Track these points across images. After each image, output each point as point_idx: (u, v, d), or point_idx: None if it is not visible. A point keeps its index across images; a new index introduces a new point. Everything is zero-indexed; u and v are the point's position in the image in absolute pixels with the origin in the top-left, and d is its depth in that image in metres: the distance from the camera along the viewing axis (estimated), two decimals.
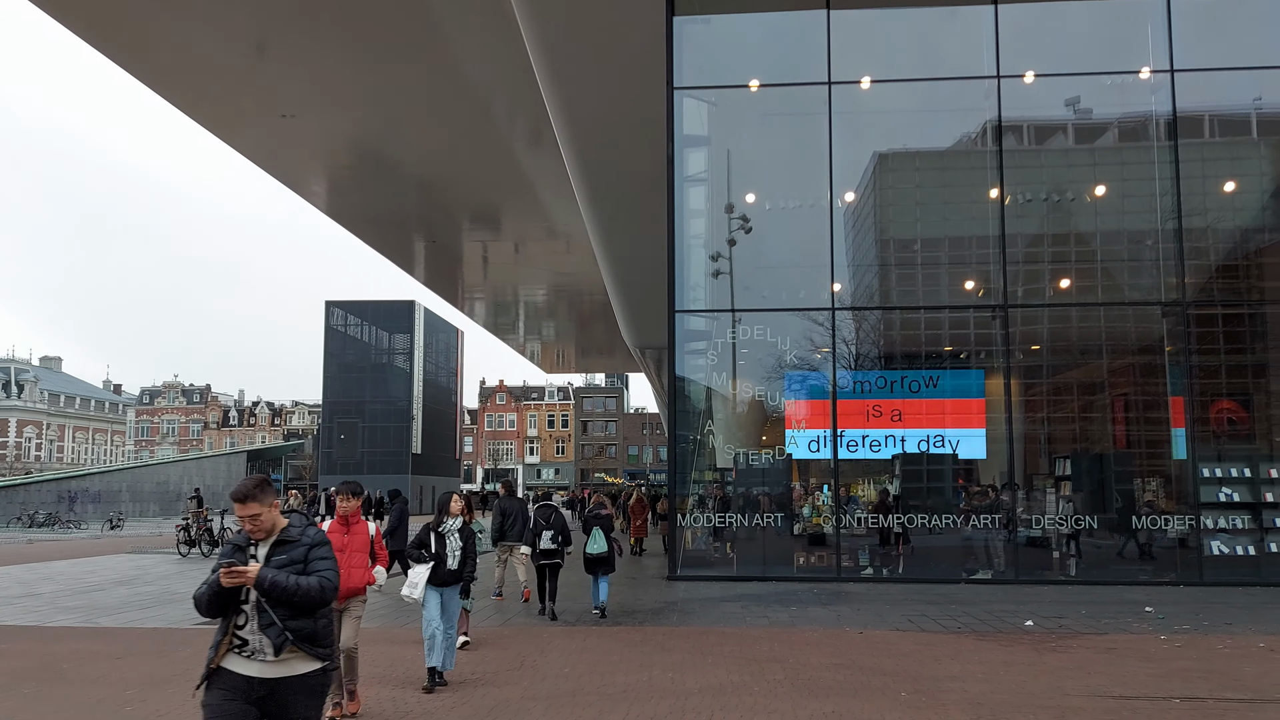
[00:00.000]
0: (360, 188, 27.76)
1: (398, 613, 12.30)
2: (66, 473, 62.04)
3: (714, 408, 16.91)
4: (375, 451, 70.80)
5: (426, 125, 22.64)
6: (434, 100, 21.07)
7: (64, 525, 39.12)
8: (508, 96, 20.57)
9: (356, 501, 7.34)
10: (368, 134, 23.66)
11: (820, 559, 16.60)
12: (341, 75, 20.04)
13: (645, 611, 12.28)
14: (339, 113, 22.17)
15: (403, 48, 18.80)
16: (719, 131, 18.58)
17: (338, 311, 73.34)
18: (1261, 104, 17.26)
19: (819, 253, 16.88)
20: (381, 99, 21.24)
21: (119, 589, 15.74)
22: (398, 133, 23.32)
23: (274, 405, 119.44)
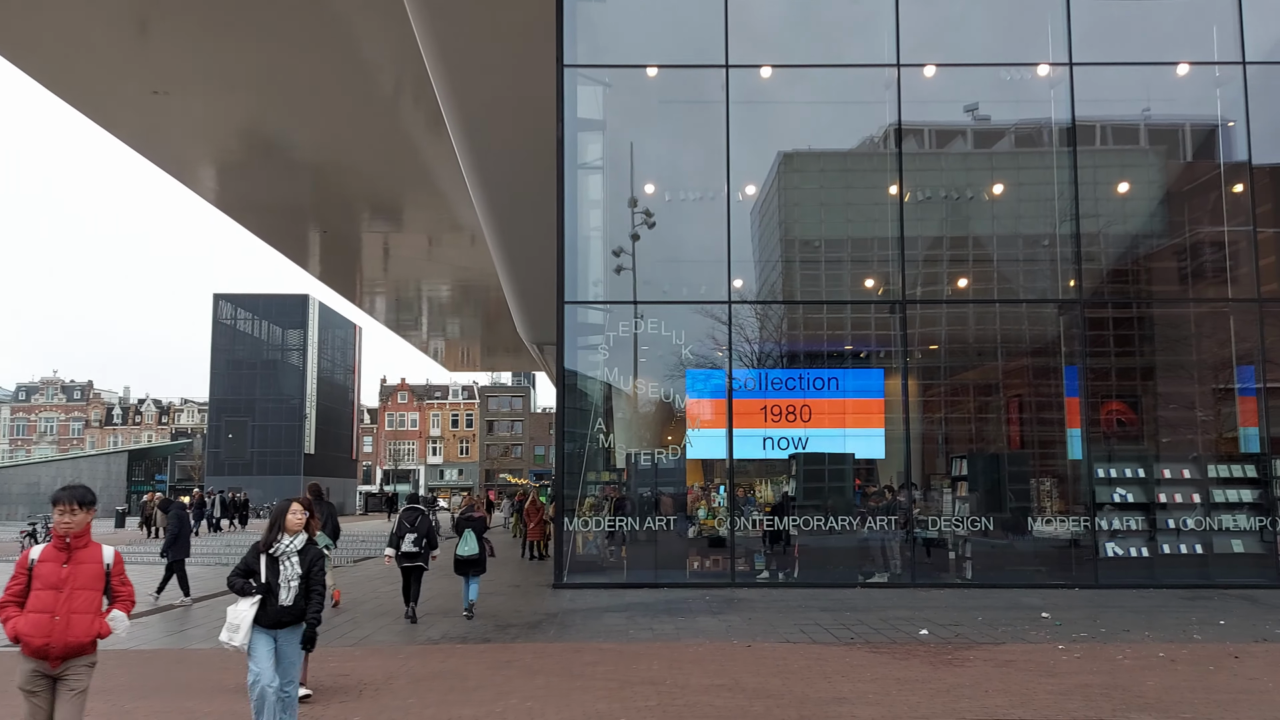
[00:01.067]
0: (250, 176, 25.94)
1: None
2: None
3: (607, 405, 16.02)
4: (265, 452, 67.81)
5: (320, 110, 21.16)
6: (328, 83, 19.65)
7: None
8: (407, 80, 19.21)
9: (86, 515, 5.05)
10: (257, 118, 22.00)
11: (715, 564, 15.89)
12: (228, 55, 18.55)
13: (520, 625, 11.31)
14: (226, 95, 20.55)
15: (294, 26, 17.42)
16: (616, 118, 17.73)
17: (227, 305, 70.03)
18: (1150, 114, 17.33)
19: (720, 247, 16.18)
20: (272, 81, 19.73)
21: None
22: (290, 118, 21.74)
23: (161, 403, 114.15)
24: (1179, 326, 17.50)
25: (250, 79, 19.69)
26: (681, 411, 15.91)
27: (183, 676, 8.70)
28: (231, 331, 70.29)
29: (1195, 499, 15.66)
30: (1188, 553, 15.50)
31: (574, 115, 16.74)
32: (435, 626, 11.23)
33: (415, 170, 24.41)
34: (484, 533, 12.62)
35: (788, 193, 17.96)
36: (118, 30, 17.68)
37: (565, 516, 15.17)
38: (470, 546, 12.24)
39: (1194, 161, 17.47)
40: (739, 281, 16.64)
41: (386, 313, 47.96)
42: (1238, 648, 9.88)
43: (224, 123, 22.45)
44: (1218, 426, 17.24)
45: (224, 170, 26.18)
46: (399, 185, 26.20)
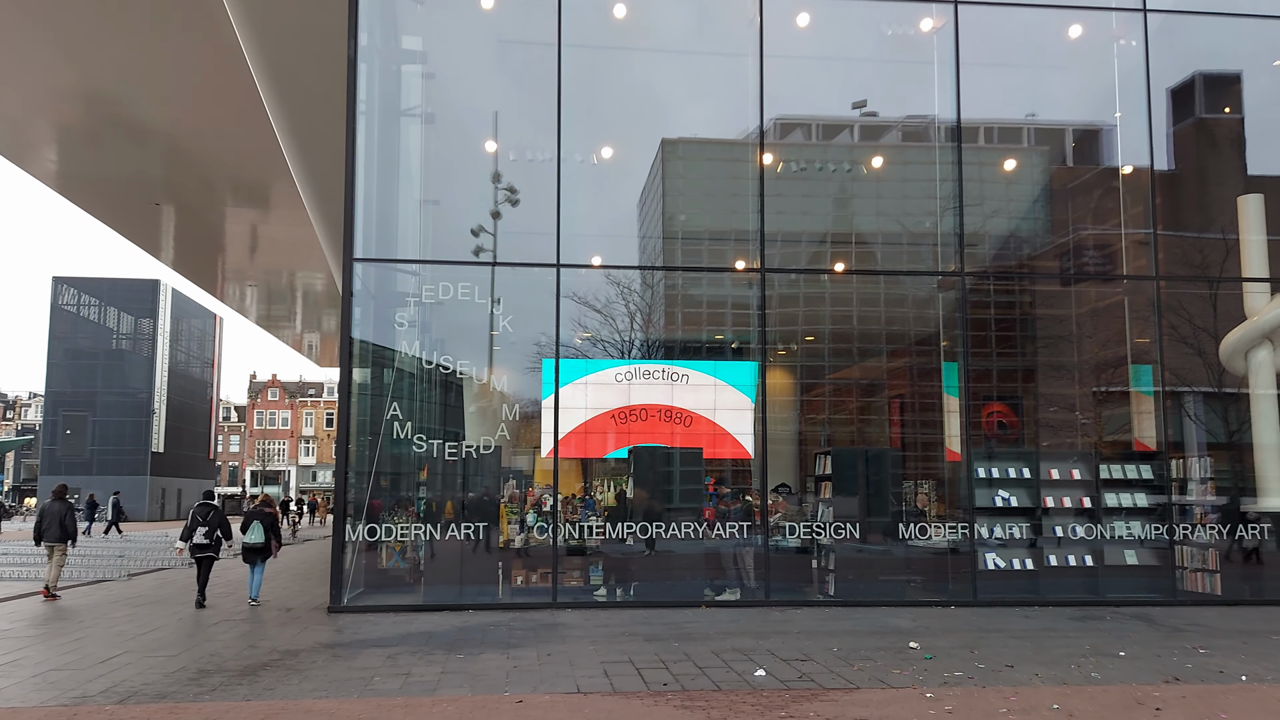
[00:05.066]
0: (92, 155, 22.30)
1: None
2: None
3: (403, 386, 13.24)
4: (107, 450, 62.02)
5: (178, 86, 17.84)
6: (189, 54, 16.43)
7: None
8: (270, 49, 16.04)
9: None
10: (102, 90, 18.46)
11: (539, 578, 13.29)
12: (69, 16, 15.21)
13: (231, 670, 8.47)
14: (69, 64, 17.20)
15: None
16: (445, 59, 15.04)
17: (68, 289, 63.92)
18: (1035, 116, 15.93)
19: (553, 212, 13.65)
20: (120, 47, 16.40)
21: None
22: (142, 91, 18.34)
23: (7, 397, 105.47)
24: (1066, 317, 16.00)
25: (92, 41, 16.39)
26: (501, 397, 13.29)
27: None
28: (73, 319, 64.18)
29: (1085, 503, 13.82)
30: (1076, 565, 13.63)
31: (386, 40, 14.00)
32: (116, 673, 8.29)
33: (278, 151, 21.06)
34: (272, 525, 13.63)
35: (671, 181, 15.77)
36: None
37: (345, 523, 12.31)
38: (257, 535, 13.38)
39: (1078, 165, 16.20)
40: (598, 259, 14.22)
41: (256, 304, 43.90)
42: (1144, 691, 7.80)
43: (64, 94, 18.96)
44: (1101, 427, 15.77)
45: (63, 148, 22.49)
46: (261, 165, 22.66)
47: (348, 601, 12.31)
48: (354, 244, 12.79)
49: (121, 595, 14.69)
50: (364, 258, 12.98)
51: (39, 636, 10.37)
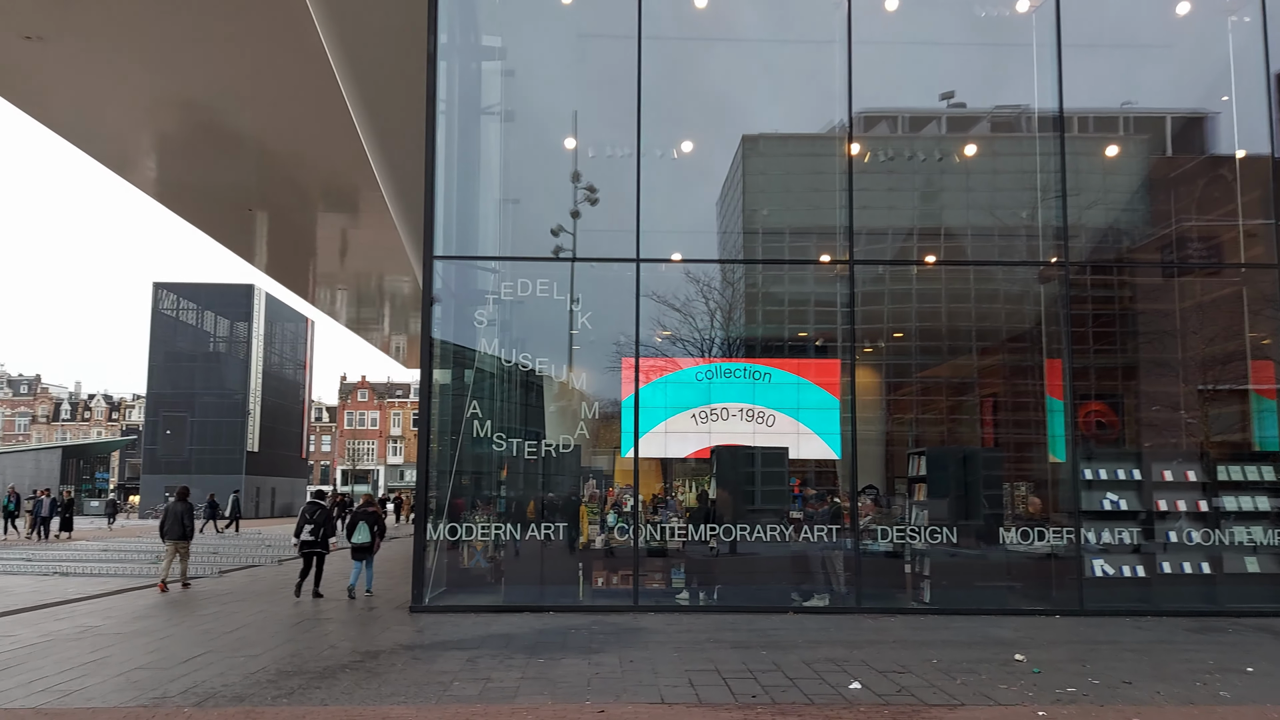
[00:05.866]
0: (188, 164, 22.97)
1: None
2: None
3: (483, 384, 13.08)
4: (205, 449, 64.03)
5: (264, 90, 18.22)
6: (277, 63, 16.77)
7: None
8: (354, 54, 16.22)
9: None
10: (195, 98, 18.96)
11: (620, 580, 13.00)
12: (165, 30, 15.72)
13: (312, 672, 8.36)
14: (161, 74, 17.68)
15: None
16: (524, 55, 14.89)
17: (168, 295, 66.19)
18: (1133, 104, 15.04)
19: (631, 209, 13.36)
20: (214, 58, 16.84)
21: None
22: (236, 100, 18.79)
23: (112, 398, 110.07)
24: (1169, 312, 15.08)
25: (188, 53, 16.86)
26: (580, 396, 13.04)
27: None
28: (172, 323, 66.47)
29: (1201, 506, 12.93)
30: (1192, 572, 12.76)
31: (464, 43, 13.90)
32: (196, 674, 8.25)
33: (361, 151, 21.31)
34: (376, 525, 14.45)
35: (752, 178, 15.36)
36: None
37: (427, 522, 12.20)
38: (363, 535, 14.15)
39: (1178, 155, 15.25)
40: (677, 255, 13.90)
41: (345, 308, 44.87)
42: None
43: (161, 105, 19.52)
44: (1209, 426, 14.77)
45: (162, 157, 23.22)
46: (349, 170, 22.96)
47: (429, 601, 12.20)
48: (434, 242, 12.71)
49: (212, 592, 14.89)
50: (444, 255, 12.88)
51: (127, 634, 10.47)
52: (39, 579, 16.68)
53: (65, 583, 16.02)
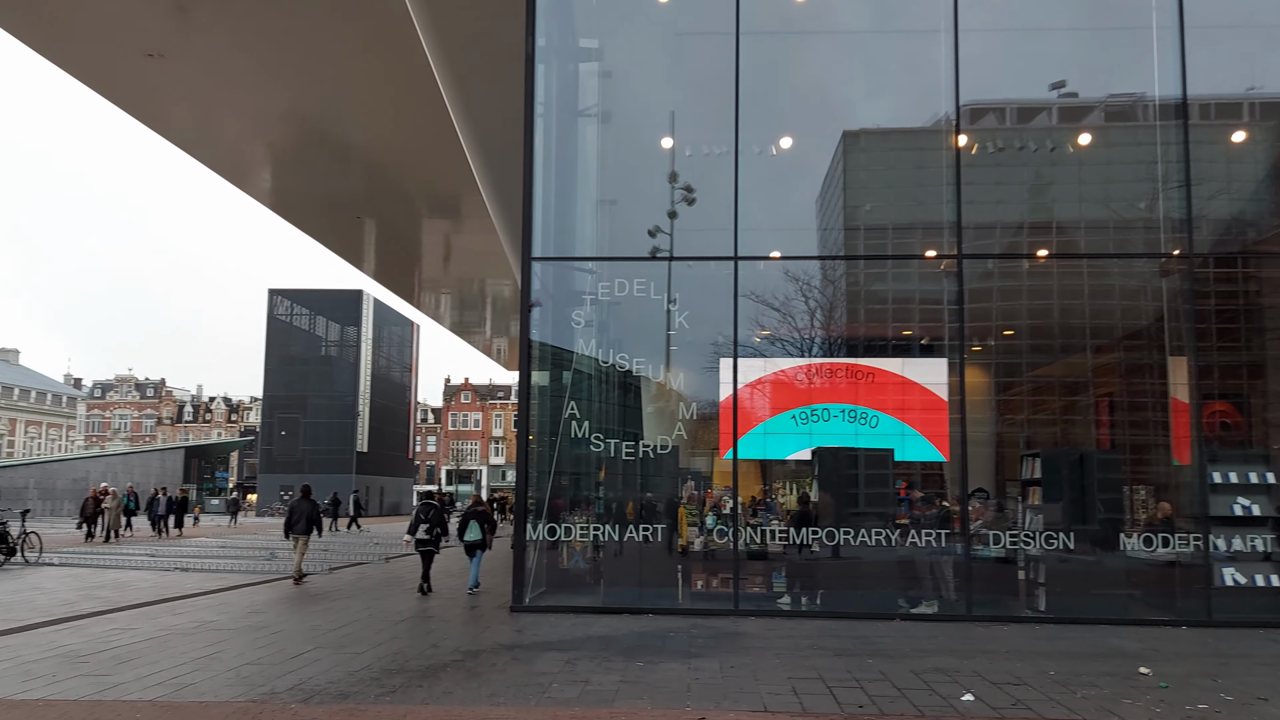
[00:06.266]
0: (301, 172, 23.90)
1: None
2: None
3: (580, 385, 13.08)
4: (317, 449, 66.37)
5: (371, 99, 18.81)
6: (383, 73, 17.32)
7: None
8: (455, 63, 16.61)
9: None
10: (305, 110, 19.73)
11: (719, 584, 12.84)
12: (272, 41, 16.41)
13: (414, 670, 8.45)
14: (273, 86, 18.45)
15: (345, 12, 15.19)
16: (621, 55, 14.88)
17: (282, 301, 68.95)
18: (1259, 89, 14.11)
19: (732, 203, 13.20)
20: (323, 71, 17.51)
21: None
22: (340, 108, 19.46)
23: (231, 400, 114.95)
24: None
25: (296, 68, 17.50)
26: (678, 397, 12.91)
27: None
28: (287, 328, 69.17)
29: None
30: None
31: (556, 39, 13.95)
32: (303, 670, 8.43)
33: (463, 158, 21.78)
34: (486, 523, 15.01)
35: (854, 174, 15.04)
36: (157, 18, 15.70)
37: (527, 523, 12.26)
38: (474, 533, 14.62)
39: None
40: (776, 252, 13.67)
41: (449, 312, 45.95)
42: None
43: (273, 117, 20.37)
44: None
45: (276, 168, 24.23)
46: (451, 177, 23.50)
47: (529, 601, 12.26)
48: (532, 244, 12.79)
49: (321, 588, 15.29)
50: (541, 257, 12.94)
51: (240, 629, 10.80)
52: (160, 574, 17.42)
53: (185, 578, 16.69)
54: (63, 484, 52.47)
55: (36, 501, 49.00)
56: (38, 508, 47.92)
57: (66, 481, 52.78)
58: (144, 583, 15.80)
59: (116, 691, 7.37)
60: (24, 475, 50.98)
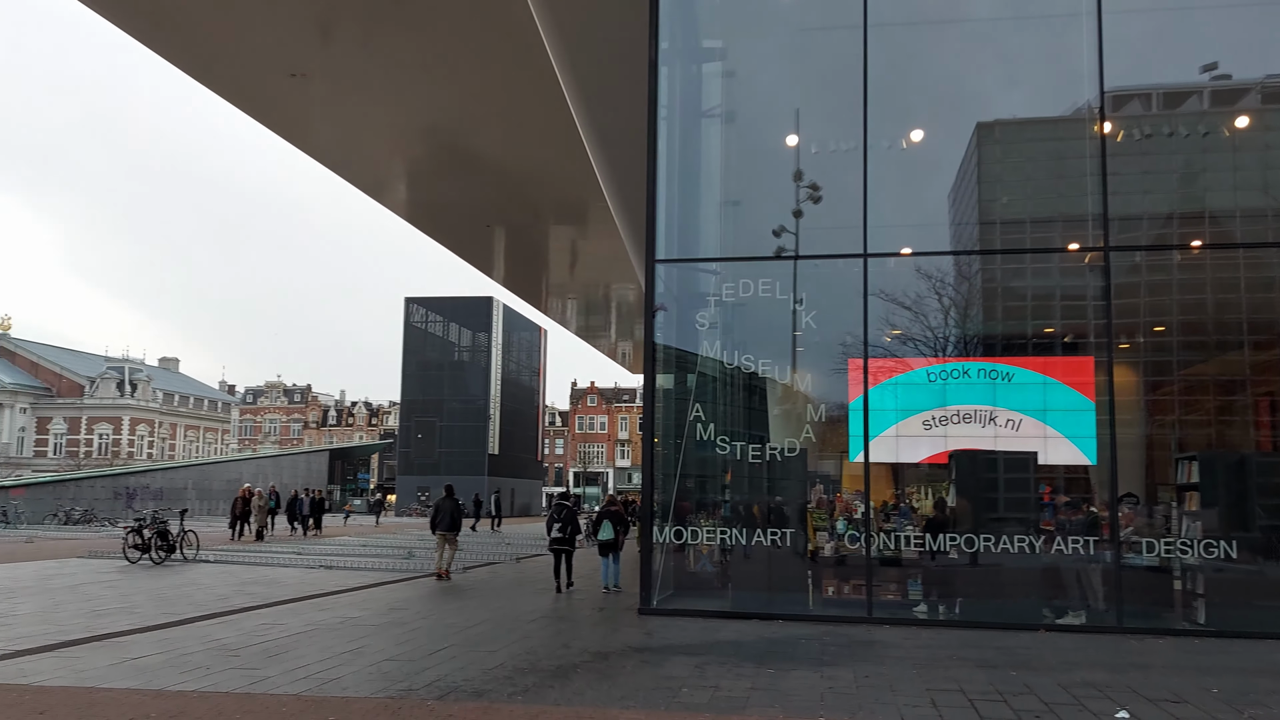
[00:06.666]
0: (435, 184, 24.90)
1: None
2: (121, 469, 61.69)
3: (705, 387, 13.00)
4: (452, 452, 68.48)
5: (501, 112, 19.48)
6: (511, 85, 17.94)
7: (100, 523, 37.60)
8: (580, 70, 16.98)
9: None
10: (440, 124, 20.54)
11: (852, 590, 12.55)
12: (408, 57, 17.19)
13: (545, 670, 8.54)
14: (409, 101, 19.28)
15: (475, 28, 15.83)
16: (745, 55, 14.78)
17: (418, 308, 71.52)
18: None
19: (856, 204, 12.89)
20: (454, 85, 18.23)
21: None
22: (471, 121, 20.18)
23: (371, 405, 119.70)
24: None
25: (431, 82, 18.22)
26: (805, 399, 12.68)
27: None
28: (422, 334, 71.70)
29: None
30: None
31: (687, 42, 13.94)
32: (440, 667, 8.64)
33: (588, 165, 22.16)
34: (619, 524, 15.34)
35: (988, 167, 14.53)
36: (299, 39, 16.64)
37: (654, 525, 12.26)
38: (607, 533, 14.97)
39: None
40: (907, 249, 13.31)
41: (575, 316, 46.78)
42: None
43: (409, 132, 21.28)
44: None
45: (411, 181, 25.28)
46: (577, 184, 23.93)
47: (656, 604, 12.25)
48: (655, 246, 12.80)
49: (456, 587, 15.70)
50: (665, 259, 12.94)
51: (380, 626, 11.17)
52: (306, 571, 18.23)
53: (329, 575, 17.40)
54: (218, 485, 55.63)
55: (194, 501, 52.13)
56: (195, 507, 50.92)
57: (221, 483, 55.92)
58: (291, 579, 16.56)
59: (265, 685, 7.71)
60: (183, 477, 54.27)
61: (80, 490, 44.61)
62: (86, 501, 42.62)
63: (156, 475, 52.22)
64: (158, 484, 50.22)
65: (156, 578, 16.59)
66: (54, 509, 40.27)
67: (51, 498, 42.12)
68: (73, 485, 45.57)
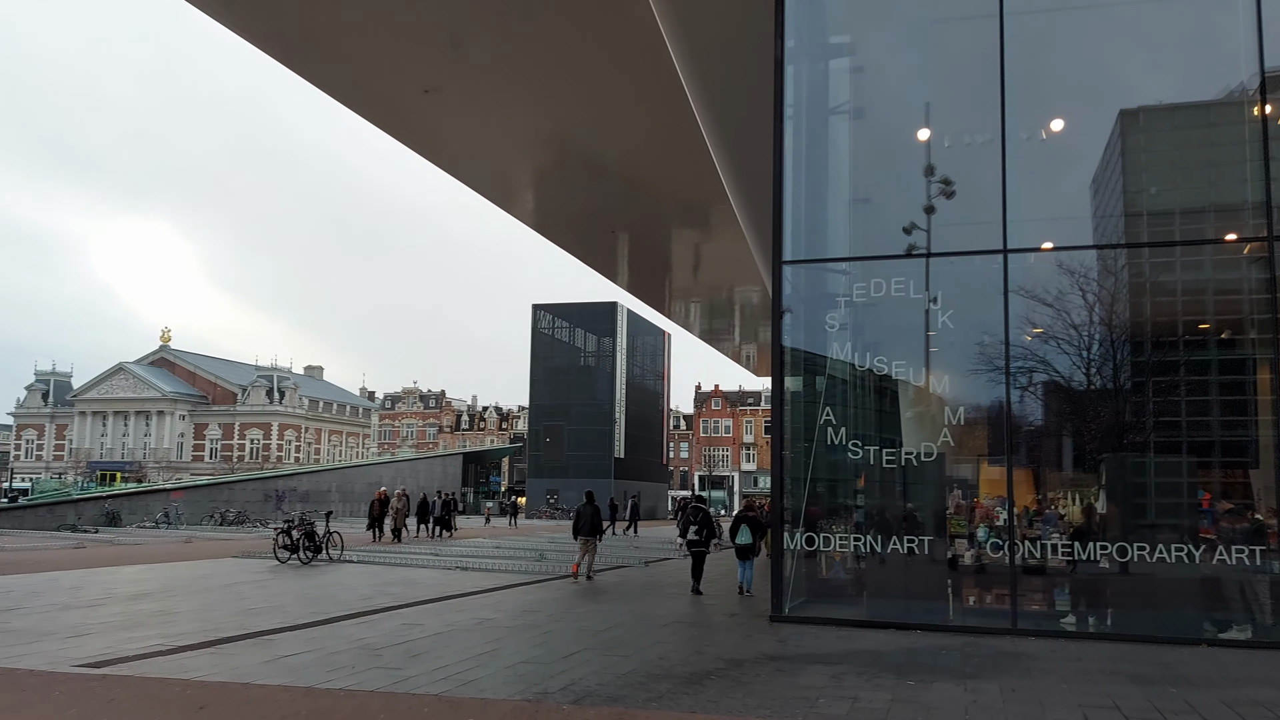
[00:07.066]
0: (561, 193, 25.45)
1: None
2: (270, 472, 64.83)
3: (835, 390, 12.74)
4: (580, 455, 69.55)
5: (627, 119, 19.80)
6: (636, 90, 18.20)
7: (252, 523, 39.70)
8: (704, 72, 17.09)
9: None
10: (568, 132, 21.01)
11: (994, 599, 12.08)
12: (538, 67, 17.61)
13: (679, 676, 8.51)
14: (539, 114, 19.84)
15: (599, 34, 16.19)
16: (874, 49, 14.47)
17: (544, 315, 73.00)
18: None
19: (996, 194, 12.42)
20: (579, 92, 18.60)
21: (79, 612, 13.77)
22: (598, 129, 20.56)
23: (501, 409, 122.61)
24: None
25: (557, 90, 18.59)
26: (940, 401, 12.28)
27: None
28: (549, 340, 73.14)
29: None
30: None
31: (814, 39, 13.75)
32: (574, 671, 8.73)
33: (711, 167, 22.17)
34: (757, 528, 15.37)
35: (1133, 156, 13.82)
36: (432, 55, 17.28)
37: (784, 531, 12.08)
38: (745, 537, 15.09)
39: None
40: (1048, 243, 12.77)
41: (699, 319, 46.83)
42: None
43: (536, 142, 21.79)
44: None
45: (538, 190, 25.88)
46: (700, 186, 23.97)
47: (789, 611, 12.07)
48: (783, 247, 12.63)
49: (587, 590, 15.88)
50: (792, 260, 12.77)
51: (515, 628, 11.38)
52: (443, 572, 18.76)
53: (464, 577, 17.87)
54: (360, 487, 57.95)
55: (338, 503, 54.45)
56: (339, 509, 53.18)
57: (363, 485, 58.24)
58: (429, 580, 17.07)
59: (407, 685, 7.94)
60: (328, 479, 56.74)
61: (233, 493, 47.23)
62: (239, 503, 45.09)
63: (303, 478, 54.81)
64: (304, 486, 52.68)
65: (304, 577, 17.38)
66: (210, 510, 42.76)
67: (208, 500, 44.74)
68: (227, 488, 48.30)
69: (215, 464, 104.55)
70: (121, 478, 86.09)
